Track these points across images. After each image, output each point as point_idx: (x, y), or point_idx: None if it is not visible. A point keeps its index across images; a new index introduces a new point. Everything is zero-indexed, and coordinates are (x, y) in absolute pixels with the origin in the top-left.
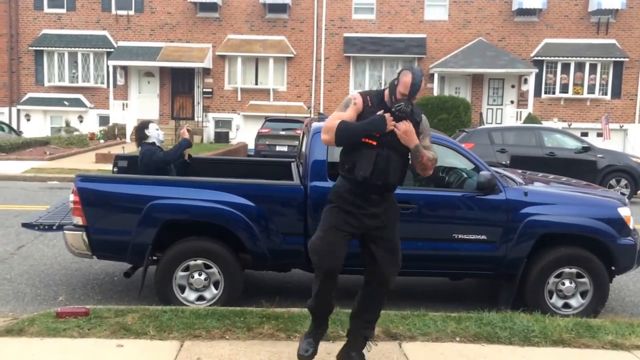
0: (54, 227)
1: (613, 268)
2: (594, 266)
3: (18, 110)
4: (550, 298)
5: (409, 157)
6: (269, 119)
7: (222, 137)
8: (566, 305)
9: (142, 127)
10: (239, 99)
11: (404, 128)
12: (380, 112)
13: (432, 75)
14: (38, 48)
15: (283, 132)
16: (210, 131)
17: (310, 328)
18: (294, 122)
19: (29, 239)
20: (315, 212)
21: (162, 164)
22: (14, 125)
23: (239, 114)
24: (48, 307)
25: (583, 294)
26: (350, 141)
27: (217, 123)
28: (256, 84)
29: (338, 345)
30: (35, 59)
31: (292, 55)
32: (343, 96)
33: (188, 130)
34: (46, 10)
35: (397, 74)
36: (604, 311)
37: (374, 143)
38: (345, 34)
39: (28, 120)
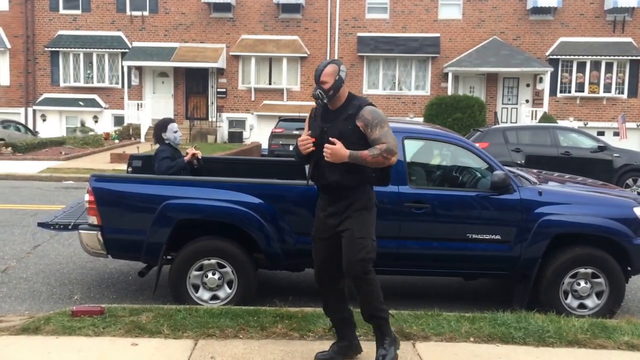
0: (69, 227)
1: (629, 268)
2: (610, 266)
3: (34, 111)
4: (566, 298)
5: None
6: (282, 119)
7: (235, 137)
8: (581, 306)
9: (160, 126)
10: (253, 98)
11: (329, 152)
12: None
13: (446, 74)
14: (54, 49)
15: (297, 132)
16: (224, 131)
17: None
18: None
19: (44, 238)
20: None
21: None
22: (30, 126)
23: (252, 113)
24: (63, 305)
25: (598, 295)
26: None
27: (231, 123)
28: (270, 83)
29: None
30: (50, 59)
31: (305, 55)
32: None
33: (195, 155)
34: (62, 11)
35: None
36: (619, 312)
37: (313, 148)
38: (359, 34)
39: (44, 120)
